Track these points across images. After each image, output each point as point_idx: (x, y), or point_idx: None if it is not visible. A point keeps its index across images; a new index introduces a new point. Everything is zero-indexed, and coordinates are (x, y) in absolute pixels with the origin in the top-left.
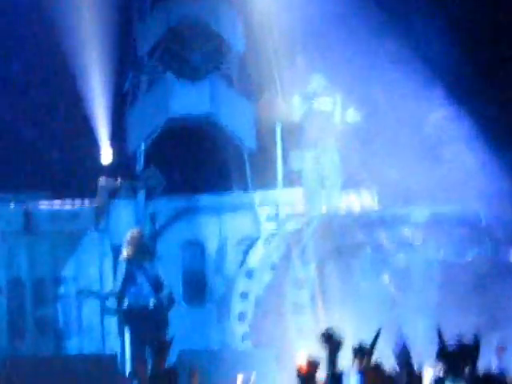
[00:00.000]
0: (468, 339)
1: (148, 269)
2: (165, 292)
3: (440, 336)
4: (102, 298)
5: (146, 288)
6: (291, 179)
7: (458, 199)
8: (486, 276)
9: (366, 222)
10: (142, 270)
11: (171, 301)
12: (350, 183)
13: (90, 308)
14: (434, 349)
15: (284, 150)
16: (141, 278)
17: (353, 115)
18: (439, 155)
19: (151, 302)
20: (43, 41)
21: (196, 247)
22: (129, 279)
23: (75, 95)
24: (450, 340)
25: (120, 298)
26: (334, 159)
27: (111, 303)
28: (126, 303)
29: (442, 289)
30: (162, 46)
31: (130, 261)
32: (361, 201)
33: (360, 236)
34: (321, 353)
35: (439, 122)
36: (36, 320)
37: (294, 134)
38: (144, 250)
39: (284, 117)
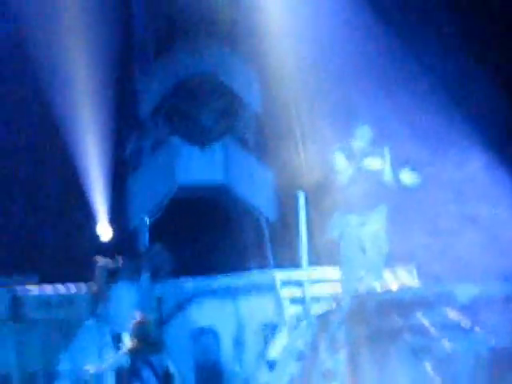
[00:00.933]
0: None
1: (155, 362)
2: None
3: None
4: None
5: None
6: (320, 254)
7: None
8: None
9: (405, 303)
10: (147, 363)
11: None
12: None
13: None
14: None
15: (309, 221)
16: (147, 373)
17: (410, 176)
18: (484, 221)
19: None
20: (33, 103)
21: (209, 336)
22: (133, 374)
23: (69, 164)
24: None
25: None
26: (381, 228)
27: None
28: None
29: (493, 380)
30: (168, 104)
31: (133, 353)
32: (398, 279)
33: (397, 319)
34: None
35: (478, 178)
36: None
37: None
38: (150, 340)
39: (308, 183)
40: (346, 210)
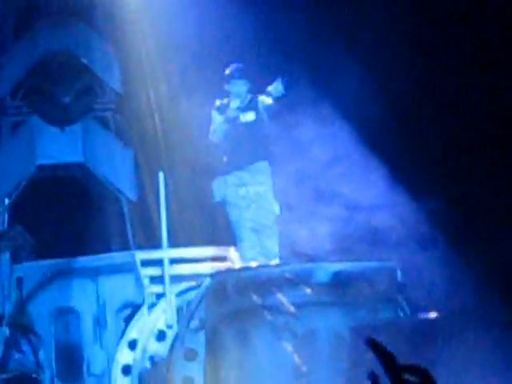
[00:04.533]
0: None
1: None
2: None
3: None
4: None
5: (31, 357)
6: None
7: (370, 253)
8: (402, 341)
9: (263, 281)
10: (26, 338)
11: None
12: None
13: None
14: None
15: (168, 201)
16: (26, 347)
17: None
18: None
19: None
20: None
21: (70, 316)
22: (12, 346)
23: None
24: None
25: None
26: (268, 189)
27: None
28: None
29: (353, 356)
30: (27, 83)
31: (12, 327)
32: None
33: (256, 298)
34: None
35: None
36: None
37: None
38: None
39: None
40: (224, 172)
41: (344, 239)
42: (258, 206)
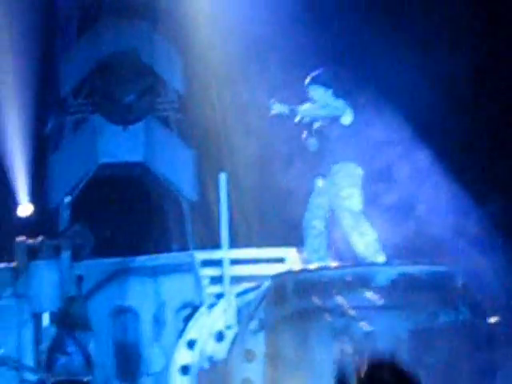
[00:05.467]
0: None
1: (80, 338)
2: None
3: None
4: (22, 368)
5: (78, 359)
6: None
7: (430, 258)
8: (461, 345)
9: (323, 284)
10: (72, 338)
11: None
12: None
13: (7, 382)
14: None
15: (229, 202)
16: (72, 348)
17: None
18: (408, 207)
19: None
20: None
21: (129, 315)
22: (57, 348)
23: None
24: None
25: (46, 368)
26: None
27: (32, 375)
28: (52, 376)
29: (410, 360)
30: (90, 83)
31: (59, 326)
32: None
33: (316, 300)
34: None
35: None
36: None
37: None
38: (76, 315)
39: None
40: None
41: (405, 243)
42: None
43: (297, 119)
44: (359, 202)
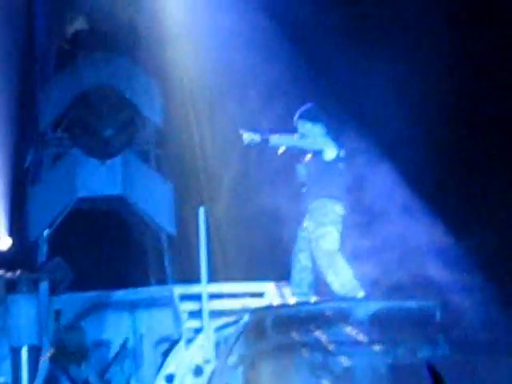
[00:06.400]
0: None
1: (73, 372)
2: None
3: None
4: None
5: None
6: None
7: (409, 293)
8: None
9: (302, 319)
10: (66, 373)
11: None
12: None
13: None
14: None
15: (208, 236)
16: (65, 383)
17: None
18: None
19: None
20: None
21: (106, 349)
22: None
23: None
24: None
25: None
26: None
27: None
28: None
29: None
30: (69, 116)
31: (52, 361)
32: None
33: (295, 335)
34: None
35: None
36: None
37: None
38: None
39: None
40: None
41: (384, 279)
42: (314, 247)
43: (280, 151)
44: (335, 240)
